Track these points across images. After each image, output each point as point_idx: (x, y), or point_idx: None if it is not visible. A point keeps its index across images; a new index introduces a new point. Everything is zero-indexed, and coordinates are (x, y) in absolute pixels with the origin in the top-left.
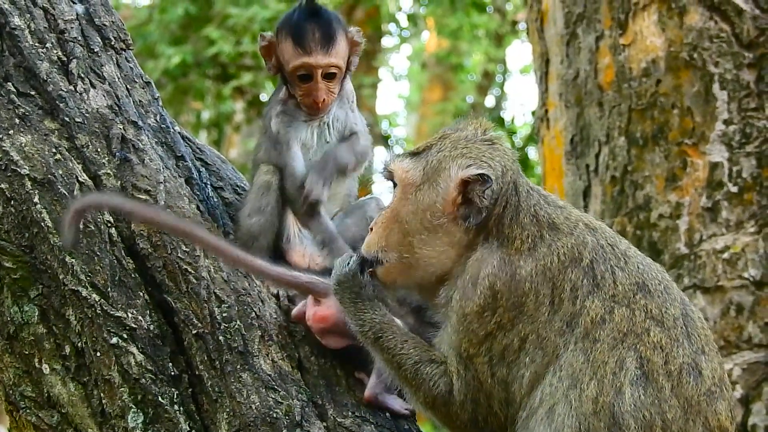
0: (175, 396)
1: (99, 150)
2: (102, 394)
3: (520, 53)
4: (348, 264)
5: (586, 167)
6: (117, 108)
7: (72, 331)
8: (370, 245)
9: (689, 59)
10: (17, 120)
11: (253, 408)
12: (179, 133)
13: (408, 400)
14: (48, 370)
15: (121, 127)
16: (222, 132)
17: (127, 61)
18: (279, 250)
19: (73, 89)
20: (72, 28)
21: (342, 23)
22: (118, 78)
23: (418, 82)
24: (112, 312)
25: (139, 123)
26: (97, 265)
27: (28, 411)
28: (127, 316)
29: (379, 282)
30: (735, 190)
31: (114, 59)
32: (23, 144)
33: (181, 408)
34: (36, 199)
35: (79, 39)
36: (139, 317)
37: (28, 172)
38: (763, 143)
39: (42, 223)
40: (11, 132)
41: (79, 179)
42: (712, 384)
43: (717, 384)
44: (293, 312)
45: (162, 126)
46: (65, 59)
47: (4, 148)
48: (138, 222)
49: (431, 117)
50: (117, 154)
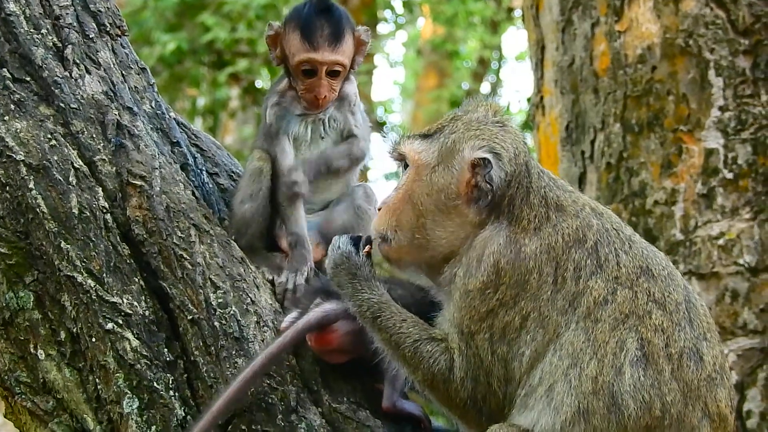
0: (171, 382)
1: (94, 136)
2: (97, 379)
3: (515, 40)
4: (342, 245)
5: (581, 154)
6: (112, 94)
7: (67, 317)
8: (380, 225)
9: (685, 46)
10: (12, 106)
11: (248, 393)
12: (174, 119)
13: (407, 379)
14: (43, 355)
15: (117, 113)
16: (217, 118)
17: (123, 47)
18: (272, 236)
19: (69, 75)
20: (67, 14)
21: (351, 22)
22: (113, 64)
23: (413, 68)
24: (107, 298)
25: (135, 109)
26: (92, 251)
27: (23, 396)
28: (123, 301)
29: (386, 259)
30: (730, 176)
31: (109, 45)
32: (18, 130)
33: (176, 394)
34: (31, 185)
35: (75, 25)
36: (135, 303)
37: (23, 158)
38: (759, 130)
39: (37, 209)
40: (6, 118)
41: (75, 165)
42: (712, 370)
43: (718, 371)
44: (282, 325)
45: (157, 112)
46: (60, 45)
47: None
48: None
49: (426, 104)
50: (112, 140)
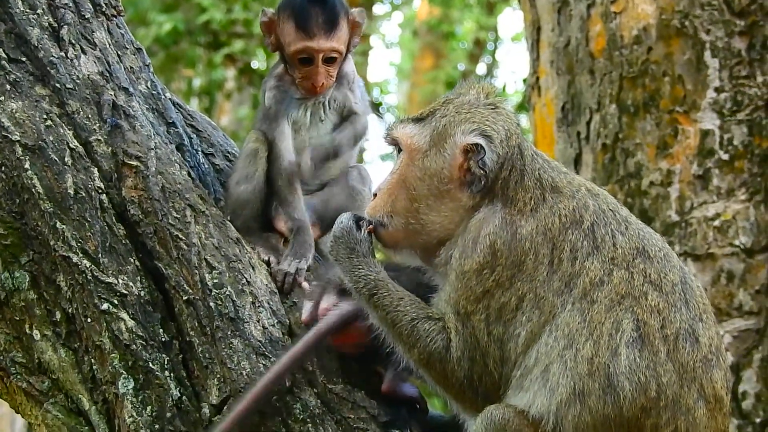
0: (166, 362)
1: (90, 116)
2: (92, 360)
3: (511, 21)
4: (344, 220)
5: (577, 135)
6: (108, 74)
7: (63, 298)
8: (375, 210)
9: (681, 27)
10: (8, 86)
11: (244, 374)
12: (170, 100)
13: (401, 358)
14: (39, 336)
15: (112, 94)
16: (213, 99)
17: (118, 28)
18: (268, 218)
19: (64, 55)
20: None
21: (345, 6)
22: (109, 44)
23: (409, 49)
24: (102, 278)
25: (130, 89)
26: (88, 232)
27: (18, 377)
28: (118, 282)
29: (381, 244)
30: (726, 157)
31: (105, 26)
32: (14, 110)
33: (172, 374)
34: (27, 166)
35: (70, 5)
36: (130, 283)
37: (18, 138)
38: (755, 111)
39: (33, 190)
40: (2, 98)
41: (70, 145)
42: (708, 351)
43: (713, 352)
44: (303, 317)
45: (153, 92)
46: (56, 25)
47: None
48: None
49: (423, 85)
50: (108, 120)
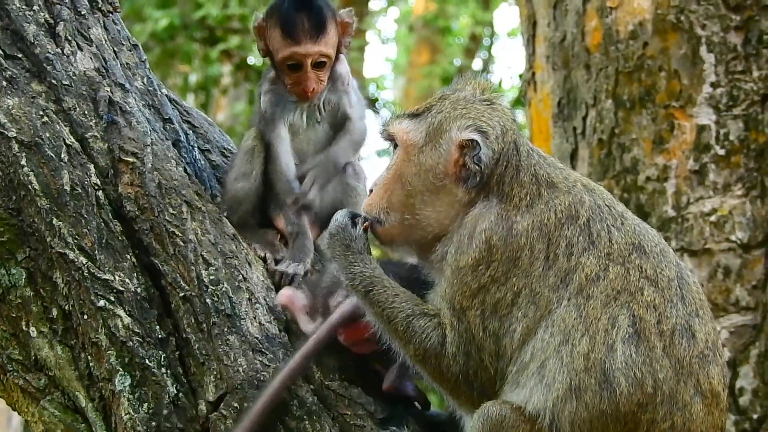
0: (162, 359)
1: (86, 112)
2: (89, 356)
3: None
4: (340, 218)
5: (573, 130)
6: (104, 70)
7: (59, 294)
8: (371, 206)
9: (676, 22)
10: (4, 82)
11: (240, 371)
12: (166, 96)
13: (397, 354)
14: (35, 332)
15: (108, 90)
16: (209, 95)
17: (114, 24)
18: (266, 215)
19: (60, 52)
20: None
21: (331, 9)
22: (105, 40)
23: (405, 45)
24: (99, 275)
25: (126, 85)
26: (84, 228)
27: (15, 374)
28: (114, 278)
29: (378, 240)
30: (722, 152)
31: (101, 22)
32: (10, 106)
33: (168, 371)
34: (23, 162)
35: (66, 1)
36: (126, 280)
37: (15, 134)
38: (751, 106)
39: (29, 186)
40: None
41: (66, 142)
42: (705, 347)
43: (710, 348)
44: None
45: (149, 88)
46: (52, 22)
47: None
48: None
49: (418, 80)
50: (104, 116)
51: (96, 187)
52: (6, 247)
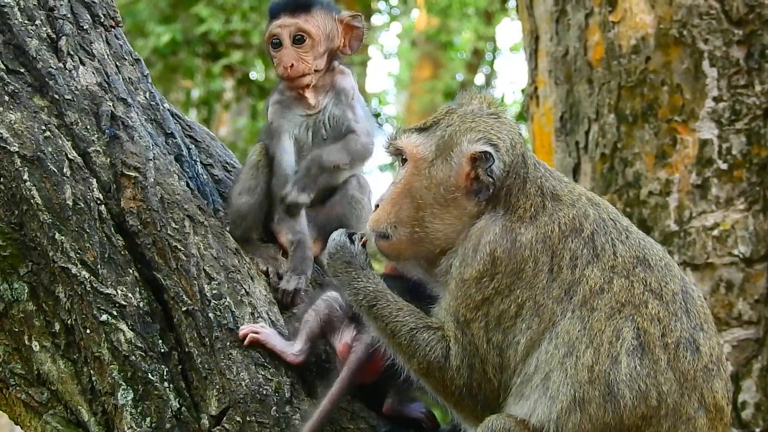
0: (165, 373)
1: (88, 127)
2: (92, 371)
3: (509, 31)
4: (337, 237)
5: (575, 144)
6: (106, 85)
7: (62, 309)
8: (379, 221)
9: (679, 36)
10: (6, 97)
11: (243, 385)
12: (169, 111)
13: (401, 368)
14: (38, 347)
15: (111, 105)
16: (212, 110)
17: (117, 39)
18: (269, 228)
19: (63, 66)
20: (61, 5)
21: (325, 1)
22: (107, 55)
23: (407, 60)
24: (101, 289)
25: (129, 100)
26: (87, 243)
27: (17, 388)
28: (117, 293)
29: (384, 255)
30: (725, 167)
31: (103, 36)
32: (13, 121)
33: (171, 385)
34: (26, 177)
35: (69, 16)
36: (129, 294)
37: (17, 149)
38: (753, 120)
39: (31, 201)
40: (1, 109)
41: (69, 156)
42: (709, 361)
43: (714, 362)
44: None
45: (151, 103)
46: (54, 36)
47: None
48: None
49: (421, 95)
50: (106, 131)
51: (98, 202)
52: (8, 262)
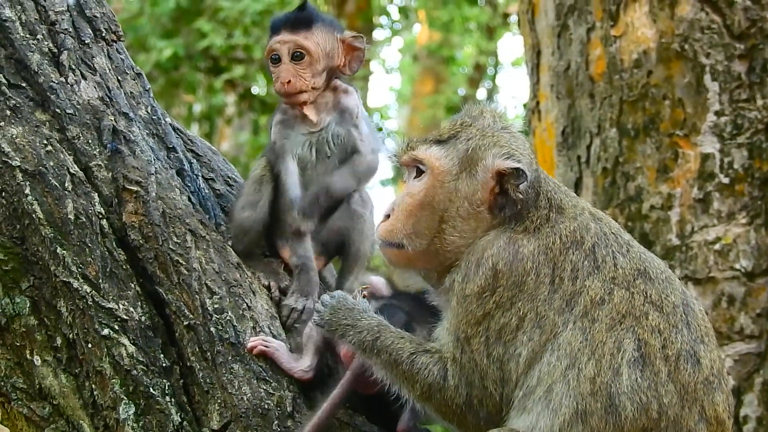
0: (167, 387)
1: (90, 141)
2: (93, 385)
3: (511, 45)
4: (335, 294)
5: (577, 159)
6: (108, 99)
7: (63, 323)
8: (393, 231)
9: (680, 50)
10: (8, 111)
11: (245, 399)
12: (170, 125)
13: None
14: (39, 361)
15: (112, 119)
16: (213, 124)
17: (118, 53)
18: (271, 245)
19: (64, 81)
20: (63, 19)
21: (328, 20)
22: (109, 69)
23: (409, 74)
24: (103, 303)
25: (130, 114)
26: (88, 257)
27: (19, 402)
28: (119, 307)
29: (393, 264)
30: (726, 181)
31: (105, 51)
32: (14, 135)
33: (173, 399)
34: (27, 191)
35: (70, 30)
36: (131, 308)
37: (19, 163)
38: (755, 134)
39: (33, 215)
40: (2, 124)
41: (71, 171)
42: (710, 374)
43: (715, 375)
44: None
45: (153, 117)
46: (56, 51)
47: None
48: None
49: (423, 109)
50: (108, 145)
51: (100, 216)
52: (10, 276)
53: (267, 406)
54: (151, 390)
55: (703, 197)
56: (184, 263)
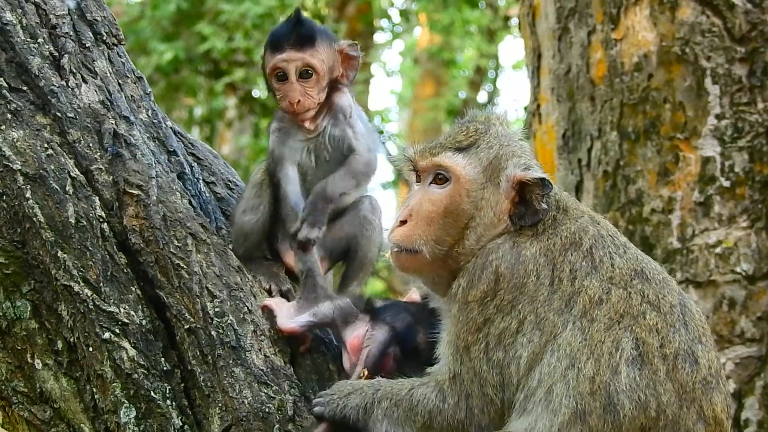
0: (168, 391)
1: (91, 145)
2: (94, 389)
3: (512, 49)
4: (339, 384)
5: (578, 162)
6: (109, 103)
7: (64, 326)
8: (411, 237)
9: (681, 54)
10: (9, 115)
11: (246, 403)
12: (171, 128)
13: None
14: (40, 365)
15: (113, 122)
16: (214, 128)
17: (119, 56)
18: (272, 248)
19: (65, 84)
20: (64, 23)
21: (325, 32)
22: (109, 73)
23: (410, 77)
24: (104, 307)
25: (131, 118)
26: (89, 261)
27: (20, 406)
28: (120, 311)
29: (403, 269)
30: (727, 184)
31: (106, 54)
32: (15, 139)
33: (174, 403)
34: (28, 194)
35: (71, 34)
36: (132, 312)
37: (20, 167)
38: (755, 138)
39: (34, 218)
40: (3, 127)
41: (71, 174)
42: (708, 374)
43: (713, 375)
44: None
45: (154, 121)
46: (57, 54)
47: None
48: None
49: (423, 112)
50: (109, 149)
51: (101, 220)
52: (11, 280)
53: (268, 409)
54: (152, 393)
55: (704, 200)
56: (184, 267)
